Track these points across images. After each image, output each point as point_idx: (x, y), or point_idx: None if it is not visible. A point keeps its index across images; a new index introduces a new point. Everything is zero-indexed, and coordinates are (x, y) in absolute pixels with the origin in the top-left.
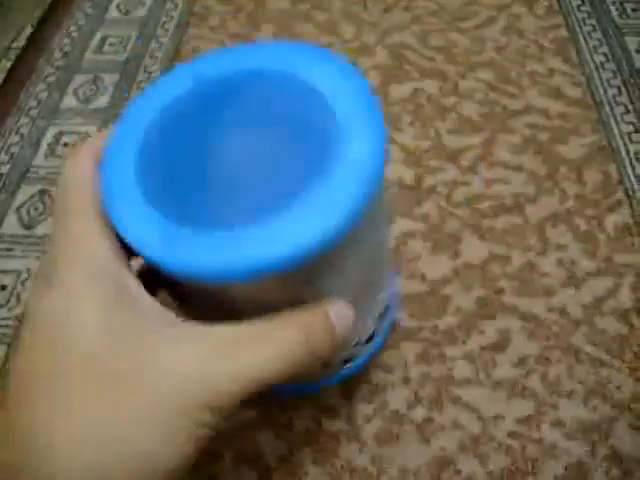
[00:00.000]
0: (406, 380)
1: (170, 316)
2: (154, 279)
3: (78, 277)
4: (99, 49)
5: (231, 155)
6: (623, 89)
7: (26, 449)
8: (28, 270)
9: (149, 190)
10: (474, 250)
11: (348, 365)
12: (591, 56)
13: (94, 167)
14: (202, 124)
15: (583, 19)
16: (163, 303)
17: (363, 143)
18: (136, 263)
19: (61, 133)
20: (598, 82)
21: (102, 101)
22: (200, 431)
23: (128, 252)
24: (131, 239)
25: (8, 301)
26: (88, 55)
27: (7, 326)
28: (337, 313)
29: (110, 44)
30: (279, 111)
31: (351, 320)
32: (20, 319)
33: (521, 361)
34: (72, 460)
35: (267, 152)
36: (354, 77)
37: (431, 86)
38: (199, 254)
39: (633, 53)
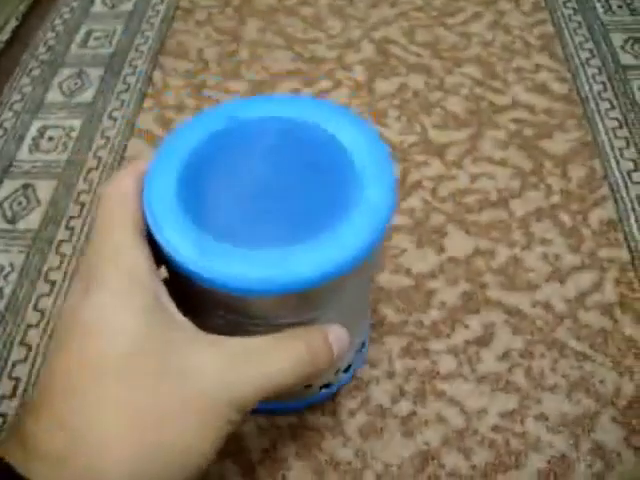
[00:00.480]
0: (390, 374)
1: (193, 327)
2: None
3: (122, 280)
4: (84, 43)
5: (261, 187)
6: (608, 85)
7: (73, 442)
8: (11, 264)
9: (188, 209)
10: (459, 245)
11: (325, 390)
12: (577, 52)
13: (136, 186)
14: (235, 158)
15: (569, 15)
16: None
17: (377, 189)
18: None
19: (45, 127)
20: (583, 78)
21: (87, 95)
22: (227, 427)
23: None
24: (170, 249)
25: None
26: (73, 49)
27: None
28: (335, 335)
29: (95, 38)
30: (305, 155)
31: (346, 343)
32: (4, 314)
33: (505, 355)
34: (120, 451)
35: (293, 188)
36: (369, 131)
37: (417, 81)
38: (234, 267)
39: (618, 49)
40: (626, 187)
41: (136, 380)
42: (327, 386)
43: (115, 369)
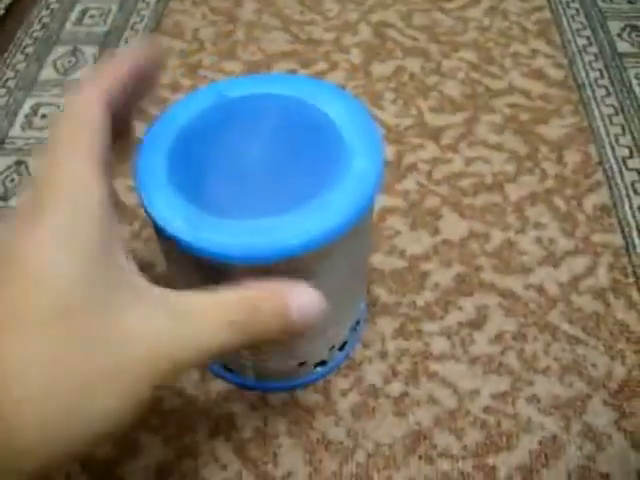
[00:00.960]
0: (383, 355)
1: (143, 285)
2: None
3: (69, 219)
4: (79, 21)
5: (250, 159)
6: (605, 72)
7: None
8: None
9: (178, 183)
10: (454, 227)
11: (319, 369)
12: (574, 39)
13: (103, 103)
14: (226, 134)
15: (567, 2)
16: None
17: (365, 159)
18: None
19: (39, 105)
20: (580, 65)
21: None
22: (154, 393)
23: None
24: (156, 215)
25: None
26: (68, 27)
27: None
28: (300, 300)
29: (90, 16)
30: (293, 130)
31: (316, 307)
32: None
33: (498, 337)
34: (34, 409)
35: (281, 162)
36: (356, 105)
37: (414, 65)
38: (223, 236)
39: (615, 37)
40: (621, 173)
41: (67, 339)
42: (322, 364)
43: (44, 322)
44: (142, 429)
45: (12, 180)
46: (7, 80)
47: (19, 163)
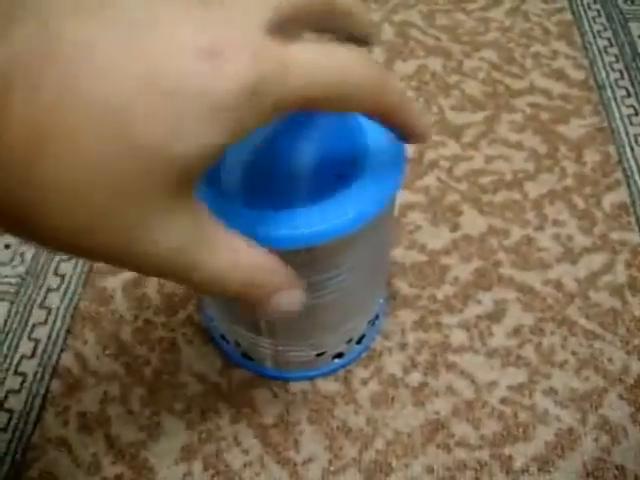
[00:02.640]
0: (403, 346)
1: None
2: None
3: None
4: None
5: (272, 150)
6: (625, 73)
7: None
8: None
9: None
10: (473, 223)
11: (337, 360)
12: (595, 40)
13: None
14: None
15: (588, 4)
16: None
17: (388, 154)
18: None
19: None
20: (601, 65)
21: None
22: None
23: None
24: None
25: (12, 259)
26: None
27: (10, 284)
28: (284, 296)
29: None
30: (318, 118)
31: (292, 308)
32: (25, 277)
33: (516, 331)
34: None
35: (304, 150)
36: None
37: (435, 64)
38: (243, 224)
39: (636, 38)
40: None
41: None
42: (339, 356)
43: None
44: (166, 413)
45: None
46: None
47: None
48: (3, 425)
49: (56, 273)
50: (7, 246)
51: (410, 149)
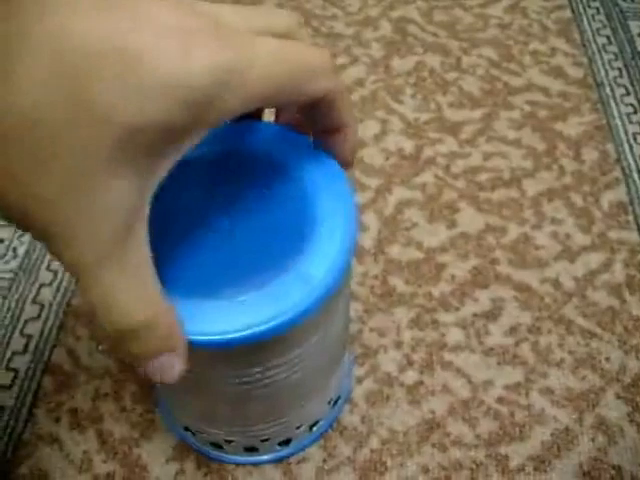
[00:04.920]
0: (398, 344)
1: None
2: None
3: None
4: None
5: (206, 228)
6: (624, 71)
7: None
8: None
9: None
10: (470, 221)
11: (279, 447)
12: (594, 38)
13: None
14: (181, 195)
15: (587, 1)
16: None
17: (334, 240)
18: None
19: None
20: (600, 63)
21: None
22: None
23: None
24: None
25: (4, 255)
26: None
27: (2, 279)
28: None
29: None
30: (259, 192)
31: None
32: (17, 272)
33: (513, 330)
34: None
35: (242, 227)
36: (334, 167)
37: (433, 60)
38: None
39: (636, 37)
40: (638, 171)
41: None
42: (286, 442)
43: None
44: (159, 411)
45: None
46: None
47: None
48: None
49: (49, 269)
50: (0, 240)
51: (407, 146)
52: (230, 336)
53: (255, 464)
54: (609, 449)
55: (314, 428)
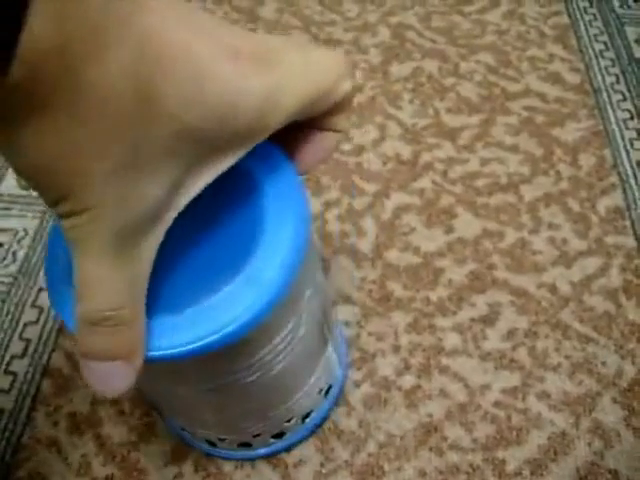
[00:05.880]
0: (396, 348)
1: None
2: None
3: None
4: None
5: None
6: (621, 77)
7: None
8: (25, 229)
9: None
10: (468, 226)
11: (274, 440)
12: (591, 44)
13: None
14: None
15: (584, 8)
16: None
17: (283, 240)
18: None
19: None
20: (597, 69)
21: None
22: None
23: None
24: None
25: (4, 259)
26: None
27: (2, 283)
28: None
29: None
30: (206, 195)
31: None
32: (17, 276)
33: (510, 334)
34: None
35: (193, 236)
36: (284, 166)
37: (431, 66)
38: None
39: (632, 43)
40: (635, 177)
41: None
42: (279, 435)
43: None
44: (157, 414)
45: None
46: None
47: None
48: None
49: None
50: (0, 245)
51: (405, 151)
52: (182, 349)
53: (251, 459)
54: (606, 453)
55: (307, 420)
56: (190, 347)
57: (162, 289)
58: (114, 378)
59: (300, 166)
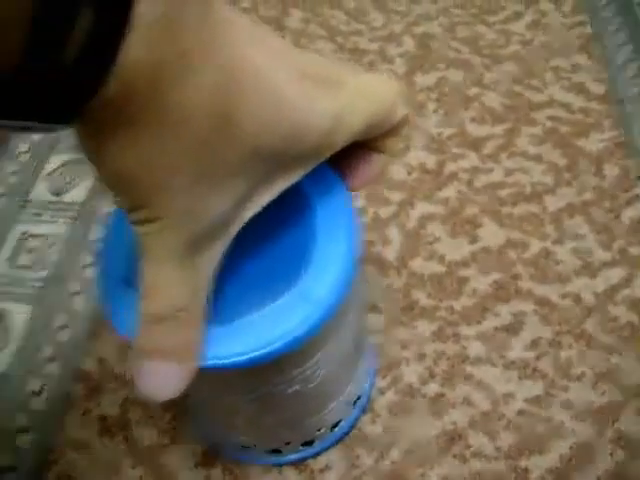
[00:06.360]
0: (421, 356)
1: None
2: None
3: None
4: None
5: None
6: None
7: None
8: (56, 235)
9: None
10: (492, 235)
11: (302, 447)
12: (615, 54)
13: None
14: None
15: (609, 17)
16: None
17: (335, 259)
18: None
19: None
20: (621, 80)
21: None
22: None
23: None
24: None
25: (36, 263)
26: None
27: (33, 287)
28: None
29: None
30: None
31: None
32: (49, 282)
33: (534, 344)
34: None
35: (247, 250)
36: (336, 185)
37: (456, 76)
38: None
39: None
40: None
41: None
42: (309, 443)
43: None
44: (186, 418)
45: (66, 177)
46: None
47: (72, 161)
48: (26, 426)
49: (79, 278)
50: (31, 250)
51: (430, 161)
52: (233, 359)
53: (279, 464)
54: (629, 464)
55: (335, 428)
56: (241, 358)
57: (215, 300)
58: (167, 380)
59: (350, 185)
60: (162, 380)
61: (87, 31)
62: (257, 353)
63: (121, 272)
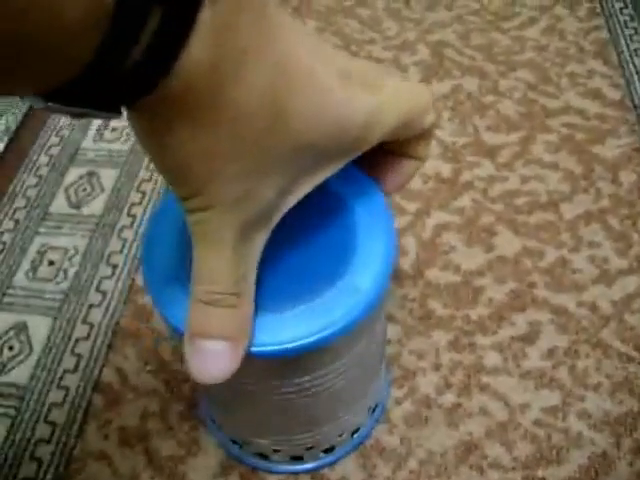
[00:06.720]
0: (437, 366)
1: None
2: None
3: None
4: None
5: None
6: None
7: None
8: (75, 247)
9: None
10: (508, 244)
11: (323, 455)
12: (631, 59)
13: None
14: None
15: (625, 22)
16: None
17: (377, 252)
18: None
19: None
20: (637, 85)
21: None
22: None
23: None
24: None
25: (56, 276)
26: None
27: (53, 299)
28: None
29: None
30: (300, 207)
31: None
32: (68, 293)
33: (550, 353)
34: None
35: (293, 247)
36: (369, 184)
37: (471, 84)
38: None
39: None
40: None
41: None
42: (329, 450)
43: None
44: (204, 429)
45: (84, 189)
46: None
47: (91, 174)
48: (47, 437)
49: (98, 290)
50: (51, 262)
51: (445, 169)
52: (285, 346)
53: (296, 473)
54: None
55: (355, 435)
56: (289, 345)
57: (264, 291)
58: (219, 360)
59: (384, 190)
60: (215, 361)
61: (154, 31)
62: (306, 340)
63: (166, 263)
